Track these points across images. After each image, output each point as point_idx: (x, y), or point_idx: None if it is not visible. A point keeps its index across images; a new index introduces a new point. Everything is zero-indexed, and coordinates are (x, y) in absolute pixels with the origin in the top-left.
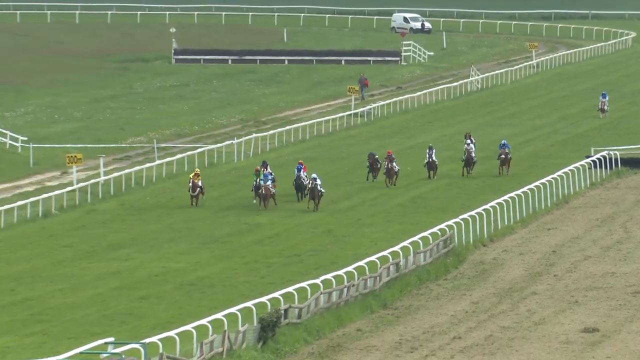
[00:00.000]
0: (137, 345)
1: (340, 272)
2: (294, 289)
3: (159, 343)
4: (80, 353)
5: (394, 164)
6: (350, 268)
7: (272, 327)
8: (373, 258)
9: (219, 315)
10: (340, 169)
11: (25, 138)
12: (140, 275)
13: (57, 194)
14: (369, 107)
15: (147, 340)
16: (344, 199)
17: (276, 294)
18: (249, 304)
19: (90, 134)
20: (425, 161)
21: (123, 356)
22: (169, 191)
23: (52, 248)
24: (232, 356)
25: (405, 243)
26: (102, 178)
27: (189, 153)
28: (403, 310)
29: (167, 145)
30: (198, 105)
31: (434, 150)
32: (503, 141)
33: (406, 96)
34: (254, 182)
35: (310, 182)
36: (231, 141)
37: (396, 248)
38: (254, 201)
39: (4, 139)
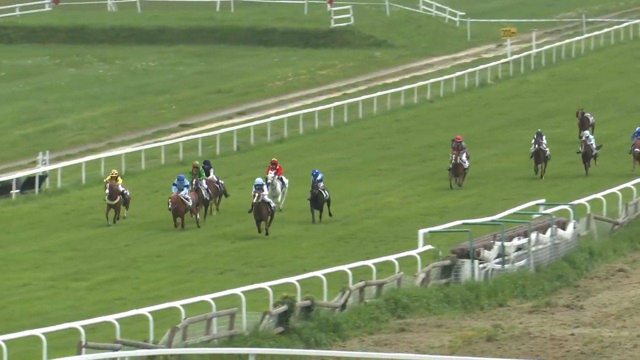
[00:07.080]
0: (566, 207)
1: None
2: None
3: (586, 204)
4: (514, 213)
5: (464, 157)
6: None
7: None
8: None
9: None
10: None
11: (463, 13)
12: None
13: (492, 66)
14: None
15: (575, 202)
16: None
17: None
18: None
19: (524, 10)
20: (532, 150)
21: (554, 216)
22: (596, 63)
23: (488, 116)
24: None
25: None
26: (534, 51)
27: (615, 27)
28: None
29: (595, 20)
30: None
31: (543, 137)
32: (638, 129)
33: None
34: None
35: (256, 194)
36: None
37: None
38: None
39: (443, 14)
